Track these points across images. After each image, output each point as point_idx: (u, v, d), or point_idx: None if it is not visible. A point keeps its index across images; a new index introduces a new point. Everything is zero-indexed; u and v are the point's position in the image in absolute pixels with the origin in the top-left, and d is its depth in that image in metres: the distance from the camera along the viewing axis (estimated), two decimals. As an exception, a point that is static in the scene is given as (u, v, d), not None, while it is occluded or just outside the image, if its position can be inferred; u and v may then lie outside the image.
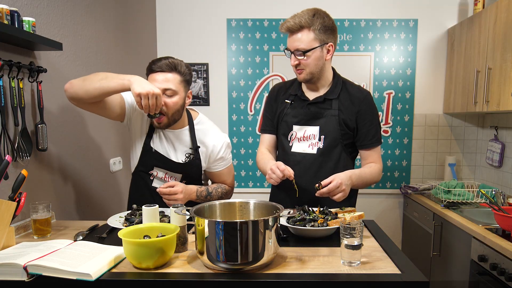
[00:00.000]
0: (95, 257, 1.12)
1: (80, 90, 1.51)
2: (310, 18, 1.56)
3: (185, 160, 1.71)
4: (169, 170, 1.72)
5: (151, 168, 1.72)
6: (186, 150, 1.72)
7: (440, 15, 3.01)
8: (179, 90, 1.61)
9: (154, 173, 1.72)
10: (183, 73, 1.63)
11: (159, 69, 1.58)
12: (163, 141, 1.71)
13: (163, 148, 1.71)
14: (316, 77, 1.65)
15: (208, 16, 3.06)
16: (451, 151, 3.12)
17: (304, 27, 1.56)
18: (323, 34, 1.58)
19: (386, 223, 3.19)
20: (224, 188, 1.83)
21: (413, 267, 1.11)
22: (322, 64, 1.62)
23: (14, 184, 1.28)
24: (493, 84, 2.36)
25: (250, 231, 1.05)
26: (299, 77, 1.66)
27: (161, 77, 1.58)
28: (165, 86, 1.57)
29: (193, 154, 1.71)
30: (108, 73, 1.54)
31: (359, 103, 1.66)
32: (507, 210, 1.86)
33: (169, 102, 1.58)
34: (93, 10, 2.12)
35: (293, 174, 1.53)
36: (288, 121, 1.72)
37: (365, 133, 1.68)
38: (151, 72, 1.61)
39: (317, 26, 1.56)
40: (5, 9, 1.37)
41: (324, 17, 1.58)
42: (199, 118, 1.76)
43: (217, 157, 1.75)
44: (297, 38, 1.58)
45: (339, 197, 1.48)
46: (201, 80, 3.11)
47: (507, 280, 1.69)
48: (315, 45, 1.57)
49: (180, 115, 1.66)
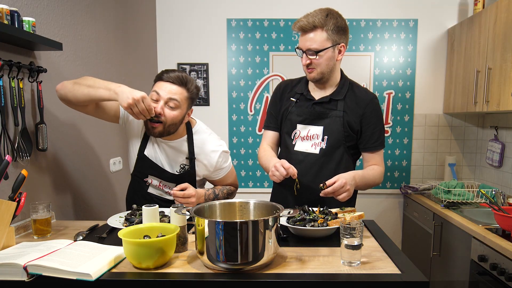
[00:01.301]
0: (95, 257, 1.12)
1: (69, 93, 1.53)
2: (324, 18, 1.56)
3: (180, 171, 1.70)
4: (163, 180, 1.71)
5: (146, 176, 1.71)
6: (181, 161, 1.70)
7: (440, 15, 3.01)
8: (182, 105, 1.58)
9: (149, 181, 1.72)
10: (191, 90, 1.60)
11: (170, 80, 1.56)
12: (158, 151, 1.69)
13: (157, 157, 1.69)
14: (326, 77, 1.65)
15: (208, 16, 3.06)
16: (451, 151, 3.13)
17: (317, 27, 1.56)
18: (336, 35, 1.58)
19: (386, 223, 3.19)
20: (230, 189, 1.85)
21: (413, 267, 1.11)
22: (333, 64, 1.62)
23: (14, 184, 1.27)
24: (493, 84, 2.36)
25: (250, 231, 1.05)
26: (309, 76, 1.66)
27: (169, 87, 1.56)
28: (171, 96, 1.55)
29: (188, 165, 1.70)
30: (97, 80, 1.54)
31: (364, 106, 1.65)
32: (507, 210, 1.86)
33: (170, 114, 1.56)
34: (93, 10, 2.12)
35: (297, 173, 1.53)
36: (293, 119, 1.72)
37: (369, 136, 1.67)
38: (160, 80, 1.59)
39: (330, 27, 1.56)
40: (5, 9, 1.37)
41: (337, 17, 1.58)
42: (197, 127, 1.74)
43: (215, 168, 1.75)
44: (310, 38, 1.58)
45: (344, 197, 1.48)
46: (201, 80, 3.11)
47: (507, 280, 1.69)
48: (327, 45, 1.57)
49: (176, 129, 1.63)
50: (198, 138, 1.72)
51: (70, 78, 1.90)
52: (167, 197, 1.74)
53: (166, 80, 1.57)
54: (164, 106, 1.55)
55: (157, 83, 1.59)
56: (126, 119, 1.71)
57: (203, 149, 1.71)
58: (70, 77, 1.90)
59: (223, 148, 1.75)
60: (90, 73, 2.08)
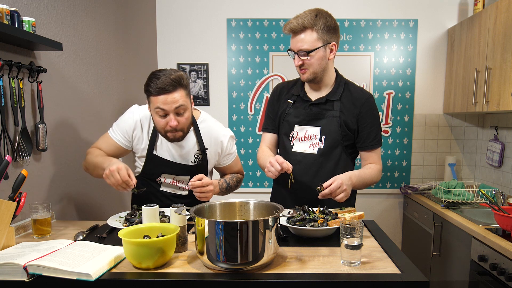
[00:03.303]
0: (95, 257, 1.12)
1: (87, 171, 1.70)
2: (313, 19, 1.56)
3: (195, 161, 1.71)
4: (177, 174, 1.71)
5: (158, 175, 1.71)
6: (193, 151, 1.71)
7: (440, 15, 3.01)
8: (187, 103, 1.55)
9: (162, 180, 1.72)
10: (186, 85, 1.54)
11: (165, 92, 1.47)
12: (169, 147, 1.69)
13: (168, 153, 1.69)
14: (319, 77, 1.65)
15: (208, 16, 3.06)
16: (451, 151, 3.13)
17: (307, 28, 1.57)
18: (326, 34, 1.58)
19: (386, 223, 3.19)
20: (238, 177, 1.88)
21: (413, 267, 1.11)
22: (325, 63, 1.63)
23: (14, 184, 1.27)
24: (493, 84, 2.36)
25: (250, 231, 1.05)
26: (303, 77, 1.66)
27: (169, 98, 1.48)
28: (176, 105, 1.50)
29: (201, 154, 1.72)
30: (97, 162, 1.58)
31: (360, 105, 1.66)
32: (507, 210, 1.86)
33: (182, 119, 1.54)
34: (93, 10, 2.12)
35: (291, 168, 1.52)
36: (290, 120, 1.73)
37: (365, 135, 1.68)
38: (154, 95, 1.49)
39: (320, 26, 1.56)
40: (5, 9, 1.37)
41: (326, 17, 1.59)
42: (202, 117, 1.75)
43: (225, 153, 1.78)
44: (301, 39, 1.58)
45: (341, 198, 1.48)
46: (201, 80, 3.11)
47: (507, 280, 1.69)
48: (318, 45, 1.58)
49: (191, 123, 1.64)
50: (204, 127, 1.72)
51: (70, 78, 1.91)
52: (180, 192, 1.75)
53: (161, 93, 1.47)
54: (175, 117, 1.53)
55: (153, 97, 1.50)
56: (132, 142, 1.70)
57: (211, 137, 1.73)
58: (70, 77, 1.91)
59: (230, 133, 1.79)
60: (90, 73, 2.09)
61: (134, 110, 1.69)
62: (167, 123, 1.53)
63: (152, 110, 1.55)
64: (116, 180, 1.40)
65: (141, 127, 1.67)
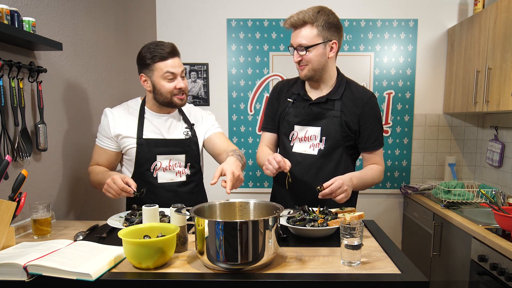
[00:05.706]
0: (95, 257, 1.12)
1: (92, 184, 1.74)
2: (314, 14, 1.55)
3: (185, 135, 1.75)
4: (171, 153, 1.71)
5: (154, 159, 1.69)
6: (181, 129, 1.76)
7: (440, 15, 3.01)
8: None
9: (157, 164, 1.70)
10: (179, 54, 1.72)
11: (173, 55, 1.64)
12: (156, 126, 1.71)
13: (158, 131, 1.71)
14: (319, 75, 1.63)
15: (208, 16, 3.06)
16: (451, 151, 3.13)
17: (307, 23, 1.56)
18: (327, 31, 1.57)
19: (386, 223, 3.19)
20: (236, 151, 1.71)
21: (413, 267, 1.11)
22: (324, 61, 1.61)
23: (14, 184, 1.27)
24: (493, 84, 2.36)
25: (250, 231, 1.05)
26: (301, 74, 1.64)
27: (176, 62, 1.65)
28: (182, 69, 1.68)
29: (191, 130, 1.77)
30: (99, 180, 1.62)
31: (362, 105, 1.64)
32: (507, 210, 1.86)
33: (186, 84, 1.70)
34: (93, 10, 2.12)
35: (289, 167, 1.50)
36: (290, 120, 1.71)
37: (367, 135, 1.66)
38: (162, 60, 1.62)
39: (321, 23, 1.55)
40: (5, 9, 1.37)
41: (329, 14, 1.58)
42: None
43: (210, 125, 1.83)
44: (300, 34, 1.57)
45: (342, 198, 1.47)
46: (201, 80, 3.11)
47: (507, 280, 1.69)
48: (318, 41, 1.57)
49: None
50: (185, 109, 1.83)
51: (70, 78, 1.91)
52: (178, 179, 1.73)
53: (171, 57, 1.63)
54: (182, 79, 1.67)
55: (162, 63, 1.62)
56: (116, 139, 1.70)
57: (191, 114, 1.82)
58: (70, 77, 1.91)
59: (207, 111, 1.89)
60: (90, 73, 2.09)
61: (105, 111, 1.73)
62: (174, 87, 1.64)
63: (158, 76, 1.63)
64: (115, 190, 1.46)
65: (114, 119, 1.69)
